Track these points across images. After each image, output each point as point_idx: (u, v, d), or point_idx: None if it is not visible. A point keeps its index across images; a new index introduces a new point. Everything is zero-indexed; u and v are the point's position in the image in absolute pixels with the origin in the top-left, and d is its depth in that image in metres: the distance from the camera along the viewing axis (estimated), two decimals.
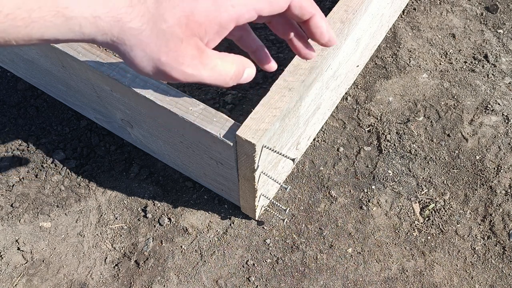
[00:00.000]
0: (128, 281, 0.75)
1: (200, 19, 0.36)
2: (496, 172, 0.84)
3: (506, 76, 0.96)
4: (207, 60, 0.37)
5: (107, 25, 0.35)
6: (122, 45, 0.35)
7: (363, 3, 0.67)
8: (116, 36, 0.35)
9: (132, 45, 0.35)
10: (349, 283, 0.75)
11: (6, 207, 0.82)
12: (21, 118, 0.92)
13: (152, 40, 0.35)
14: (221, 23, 0.36)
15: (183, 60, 0.36)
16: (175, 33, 0.35)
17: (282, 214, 0.80)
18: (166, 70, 0.36)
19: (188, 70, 0.36)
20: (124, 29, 0.35)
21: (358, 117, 0.91)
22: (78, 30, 0.35)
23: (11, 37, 0.34)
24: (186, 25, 0.35)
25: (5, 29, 0.33)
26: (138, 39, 0.35)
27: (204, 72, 0.37)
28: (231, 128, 0.56)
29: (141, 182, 0.84)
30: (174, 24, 0.35)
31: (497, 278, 0.75)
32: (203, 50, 0.37)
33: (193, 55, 0.36)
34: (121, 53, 0.36)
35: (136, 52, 0.36)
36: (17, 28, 0.34)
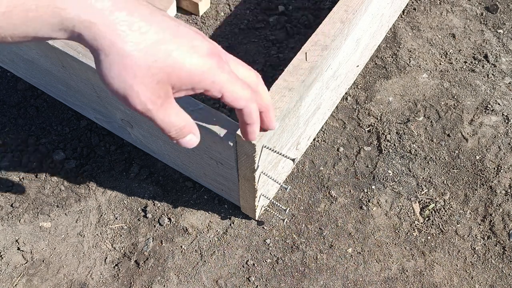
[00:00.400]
0: (128, 281, 0.75)
1: (182, 76, 0.39)
2: (496, 172, 0.84)
3: (506, 76, 0.96)
4: (167, 105, 0.41)
5: (100, 34, 0.36)
6: (104, 55, 0.37)
7: (363, 3, 0.67)
8: (104, 46, 0.37)
9: (113, 61, 0.37)
10: (349, 283, 0.75)
11: (6, 207, 0.82)
12: (21, 118, 0.92)
13: (134, 67, 0.37)
14: (195, 88, 0.41)
15: (150, 95, 0.39)
16: (157, 74, 0.38)
17: (282, 214, 0.80)
18: (132, 96, 0.39)
19: (149, 105, 0.39)
20: (115, 45, 0.37)
21: (358, 117, 0.91)
22: (70, 30, 0.37)
23: (7, 33, 0.35)
24: (169, 74, 0.39)
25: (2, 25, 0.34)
26: (122, 60, 0.37)
27: (159, 114, 0.40)
28: (231, 128, 0.56)
29: (141, 182, 0.84)
30: (160, 67, 0.38)
31: (497, 278, 0.75)
32: (169, 96, 0.40)
33: (159, 96, 0.39)
34: (99, 60, 0.38)
35: (113, 69, 0.38)
36: (14, 26, 0.35)
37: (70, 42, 0.63)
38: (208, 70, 0.40)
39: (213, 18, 1.04)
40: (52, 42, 0.63)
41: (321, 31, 0.63)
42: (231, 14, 1.04)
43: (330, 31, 0.63)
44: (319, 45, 0.62)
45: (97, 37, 0.36)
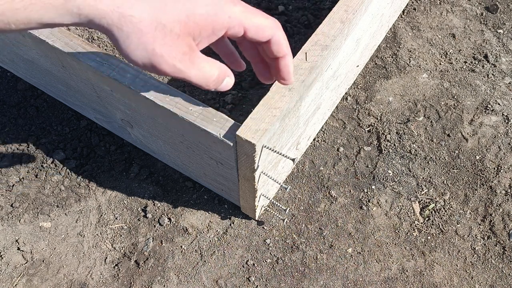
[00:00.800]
0: (128, 281, 0.75)
1: (199, 21, 0.37)
2: (496, 172, 0.84)
3: (506, 76, 0.96)
4: (196, 59, 0.39)
5: (107, 9, 0.35)
6: (118, 30, 0.36)
7: (363, 3, 0.67)
8: (115, 21, 0.36)
9: (129, 32, 0.36)
10: (349, 283, 0.75)
11: (6, 207, 0.82)
12: (21, 118, 0.92)
13: (150, 30, 0.36)
14: (215, 29, 0.39)
15: (175, 54, 0.37)
16: (174, 28, 0.37)
17: (282, 214, 0.80)
18: (158, 61, 0.37)
19: (178, 65, 0.38)
20: (124, 15, 0.36)
21: (358, 117, 0.91)
22: (76, 12, 0.36)
23: (10, 20, 0.35)
24: (185, 23, 0.37)
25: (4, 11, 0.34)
26: (137, 27, 0.36)
27: (192, 70, 0.39)
28: (231, 128, 0.56)
29: (141, 182, 0.84)
30: (175, 20, 0.36)
31: (497, 278, 0.75)
32: (194, 49, 0.39)
33: (185, 52, 0.38)
34: (115, 38, 0.37)
35: (131, 40, 0.36)
36: (16, 10, 0.34)
37: (70, 42, 0.63)
38: (220, 6, 0.38)
39: None
40: (52, 42, 0.63)
41: (321, 31, 0.63)
42: None
43: (330, 31, 0.63)
44: (319, 45, 0.62)
45: (105, 14, 0.35)
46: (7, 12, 0.34)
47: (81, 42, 0.63)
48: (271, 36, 0.42)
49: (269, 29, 0.42)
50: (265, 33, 0.41)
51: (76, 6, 0.35)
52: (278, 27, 0.43)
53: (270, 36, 0.42)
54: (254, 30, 0.41)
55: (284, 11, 1.05)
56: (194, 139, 0.62)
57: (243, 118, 0.55)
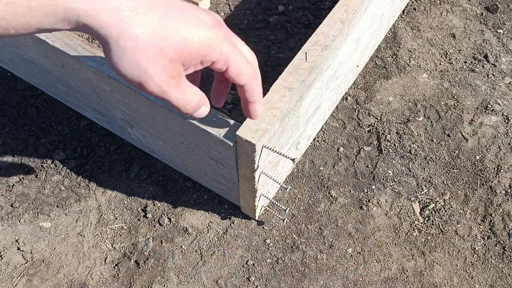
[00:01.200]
0: (128, 281, 0.75)
1: (193, 50, 0.39)
2: (496, 172, 0.84)
3: (506, 76, 0.96)
4: (182, 84, 0.41)
5: (108, 21, 0.36)
6: (115, 44, 0.37)
7: (363, 3, 0.67)
8: (113, 34, 0.36)
9: (125, 47, 0.37)
10: (349, 283, 0.75)
11: (6, 207, 0.82)
12: (21, 118, 0.92)
13: (147, 51, 0.37)
14: (203, 61, 0.41)
15: (164, 77, 0.39)
16: (169, 54, 0.38)
17: (282, 214, 0.80)
18: (146, 81, 0.39)
19: (164, 87, 0.40)
20: (124, 31, 0.36)
21: (358, 117, 0.91)
22: (75, 20, 0.36)
23: (10, 25, 0.35)
24: (180, 51, 0.39)
25: (5, 16, 0.34)
26: (134, 44, 0.37)
27: (175, 93, 0.41)
28: (231, 128, 0.56)
29: (141, 182, 0.84)
30: (171, 46, 0.38)
31: (497, 278, 0.75)
32: (181, 75, 0.41)
33: (173, 76, 0.40)
34: (109, 49, 0.38)
35: (126, 55, 0.37)
36: (16, 16, 0.35)
37: (70, 42, 0.63)
38: (216, 40, 0.40)
39: None
40: (52, 42, 0.63)
41: (321, 31, 0.63)
42: (231, 14, 1.04)
43: (330, 31, 0.63)
44: (319, 45, 0.62)
45: (104, 26, 0.36)
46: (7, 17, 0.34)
47: (81, 42, 0.63)
48: (246, 83, 0.45)
49: (247, 77, 0.44)
50: (242, 79, 0.44)
51: (76, 14, 0.35)
52: (255, 77, 0.46)
53: (246, 83, 0.45)
54: (234, 73, 0.43)
55: (284, 11, 1.05)
56: (194, 139, 0.62)
57: (243, 118, 0.55)
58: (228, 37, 0.42)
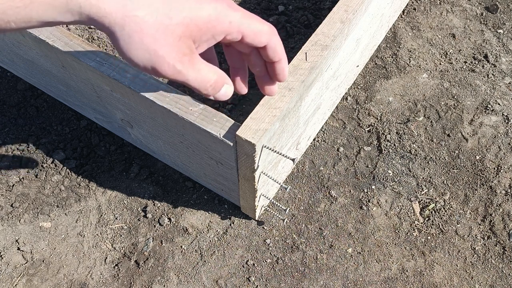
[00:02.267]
0: (128, 281, 0.75)
1: (201, 24, 0.38)
2: (496, 172, 0.84)
3: (506, 76, 0.96)
4: (195, 61, 0.40)
5: (110, 8, 0.36)
6: (120, 30, 0.36)
7: (363, 3, 0.67)
8: (118, 20, 0.36)
9: (131, 31, 0.36)
10: (349, 283, 0.75)
11: (6, 207, 0.82)
12: (21, 118, 0.92)
13: (153, 31, 0.37)
14: (215, 34, 0.40)
15: (176, 55, 0.38)
16: (176, 31, 0.37)
17: (282, 214, 0.80)
18: (159, 62, 0.38)
19: (178, 66, 0.39)
20: (128, 15, 0.36)
21: (358, 117, 0.91)
22: (77, 11, 0.36)
23: (11, 18, 0.35)
24: (187, 26, 0.38)
25: (5, 10, 0.34)
26: (139, 27, 0.36)
27: (190, 72, 0.40)
28: (231, 128, 0.56)
29: (141, 182, 0.84)
30: (178, 23, 0.37)
31: (497, 278, 0.75)
32: (194, 51, 0.40)
33: (185, 53, 0.38)
34: (116, 37, 0.37)
35: (133, 39, 0.37)
36: (17, 9, 0.34)
37: (70, 42, 0.63)
38: (222, 11, 0.39)
39: None
40: (52, 42, 0.63)
41: (321, 31, 0.63)
42: None
43: (330, 31, 0.63)
44: (319, 45, 0.62)
45: (107, 13, 0.35)
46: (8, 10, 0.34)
47: (81, 42, 0.63)
48: (267, 42, 0.44)
49: (265, 35, 0.43)
50: (262, 39, 0.43)
51: (77, 5, 0.35)
52: (274, 33, 0.44)
53: (266, 42, 0.44)
54: (251, 36, 0.42)
55: (284, 11, 1.05)
56: (194, 139, 0.62)
57: (243, 118, 0.55)
58: (232, 5, 0.41)
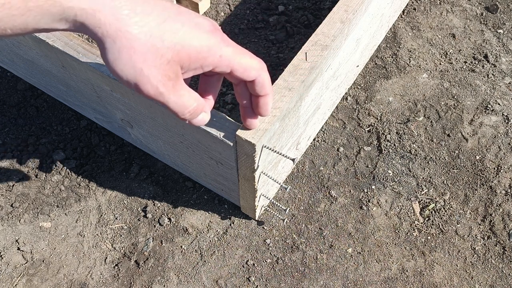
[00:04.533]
0: (128, 281, 0.75)
1: (191, 53, 0.39)
2: (496, 172, 0.84)
3: (506, 76, 0.96)
4: (179, 86, 0.40)
5: (105, 20, 0.36)
6: (111, 43, 0.37)
7: (363, 3, 0.67)
8: (110, 33, 0.36)
9: (122, 46, 0.37)
10: (349, 283, 0.75)
11: (6, 207, 0.82)
12: (21, 118, 0.92)
13: (143, 50, 0.37)
14: (203, 65, 0.40)
15: (161, 78, 0.38)
16: (166, 54, 0.38)
17: (282, 214, 0.80)
18: (142, 81, 0.38)
19: (161, 88, 0.39)
20: (121, 30, 0.36)
21: (358, 117, 0.91)
22: (72, 19, 0.36)
23: (7, 26, 0.35)
24: (178, 52, 0.38)
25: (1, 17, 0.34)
26: (130, 44, 0.37)
27: (172, 96, 0.40)
28: (231, 128, 0.56)
29: (141, 182, 0.84)
30: (169, 47, 0.38)
31: (497, 278, 0.75)
32: (179, 77, 0.40)
33: (170, 77, 0.39)
34: (105, 48, 0.37)
35: (122, 55, 0.37)
36: (13, 17, 0.34)
37: (70, 42, 0.63)
38: (214, 44, 0.40)
39: (213, 18, 1.04)
40: (52, 42, 0.63)
41: (321, 31, 0.63)
42: (231, 14, 1.05)
43: (330, 31, 0.63)
44: (319, 45, 0.62)
45: (101, 24, 0.35)
46: (4, 18, 0.34)
47: (81, 42, 0.63)
48: (255, 77, 0.44)
49: (255, 71, 0.44)
50: (251, 74, 0.44)
51: (73, 13, 0.35)
52: (264, 69, 0.45)
53: (255, 77, 0.44)
54: (241, 71, 0.42)
55: (284, 11, 1.05)
56: (194, 139, 0.62)
57: None
58: (226, 39, 0.41)
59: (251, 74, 0.44)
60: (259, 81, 0.45)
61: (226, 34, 1.02)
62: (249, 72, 0.43)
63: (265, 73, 0.45)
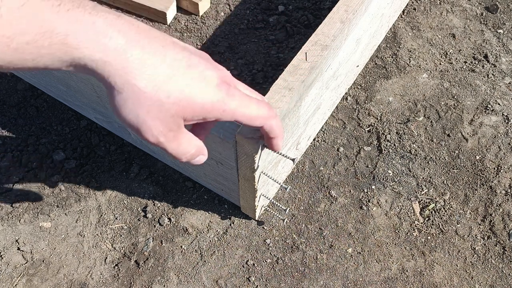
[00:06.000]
0: (128, 281, 0.75)
1: (196, 108, 0.40)
2: (496, 172, 0.84)
3: (506, 76, 0.96)
4: (180, 136, 0.41)
5: (114, 72, 0.37)
6: (118, 93, 0.38)
7: (363, 3, 0.67)
8: (118, 84, 0.37)
9: (128, 97, 0.38)
10: (349, 283, 0.75)
11: (6, 207, 0.82)
12: (21, 118, 0.92)
13: (148, 103, 0.38)
14: (206, 117, 0.41)
15: (163, 129, 0.39)
16: (170, 109, 0.39)
17: (282, 214, 0.80)
18: (144, 129, 0.39)
19: (161, 139, 0.40)
20: (129, 82, 0.37)
21: (358, 117, 0.91)
22: (82, 67, 0.37)
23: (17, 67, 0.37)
24: (183, 107, 0.39)
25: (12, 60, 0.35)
26: (136, 96, 0.38)
27: (171, 145, 0.41)
28: (231, 128, 0.56)
29: (141, 182, 0.84)
30: (174, 102, 0.38)
31: (497, 278, 0.75)
32: (181, 127, 0.41)
33: (171, 129, 0.40)
34: (113, 95, 0.38)
35: (127, 104, 0.38)
36: (24, 61, 0.36)
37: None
38: (218, 101, 0.40)
39: (213, 18, 1.04)
40: None
41: (321, 31, 0.63)
42: (231, 14, 1.05)
43: (330, 31, 0.63)
44: (319, 45, 0.62)
45: (110, 75, 0.36)
46: (15, 61, 0.35)
47: None
48: (262, 125, 0.45)
49: (261, 119, 0.44)
50: (256, 123, 0.44)
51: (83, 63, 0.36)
52: (271, 117, 0.45)
53: (261, 125, 0.45)
54: (245, 121, 0.44)
55: (284, 11, 1.05)
56: None
57: None
58: (232, 93, 0.42)
59: (256, 123, 0.44)
60: (265, 129, 0.46)
61: (226, 34, 1.02)
62: (254, 121, 0.44)
63: (272, 121, 0.46)
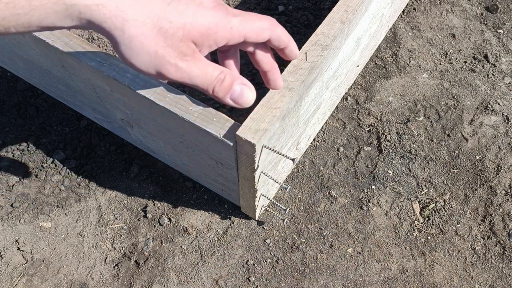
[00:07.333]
0: (128, 281, 0.75)
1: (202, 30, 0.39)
2: (496, 172, 0.84)
3: (506, 76, 0.96)
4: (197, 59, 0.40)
5: (110, 13, 0.36)
6: (121, 34, 0.37)
7: (363, 3, 0.67)
8: (117, 25, 0.36)
9: (131, 35, 0.37)
10: (349, 283, 0.75)
11: (6, 207, 0.82)
12: (21, 118, 0.92)
13: (153, 34, 0.37)
14: (216, 40, 0.41)
15: (177, 54, 0.38)
16: (176, 33, 0.38)
17: (282, 214, 0.80)
18: (160, 63, 0.38)
19: (180, 64, 0.39)
20: (127, 19, 0.36)
21: (358, 117, 0.91)
22: (77, 16, 0.36)
23: (11, 24, 0.35)
24: (189, 31, 0.38)
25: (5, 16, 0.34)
26: (139, 31, 0.37)
27: (194, 69, 0.40)
28: (231, 128, 0.56)
29: (141, 182, 0.84)
30: (178, 27, 0.38)
31: (497, 278, 0.75)
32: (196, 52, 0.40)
33: (187, 53, 0.39)
34: (117, 42, 0.37)
35: (134, 43, 0.37)
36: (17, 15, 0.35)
37: (70, 42, 0.63)
38: (221, 18, 0.40)
39: None
40: (52, 42, 0.63)
41: (321, 31, 0.63)
42: None
43: (330, 31, 0.63)
44: (319, 45, 0.62)
45: (107, 18, 0.36)
46: (8, 17, 0.34)
47: (81, 42, 0.63)
48: (270, 35, 0.45)
49: (267, 31, 0.44)
50: (264, 35, 0.44)
51: (77, 11, 0.35)
52: (274, 25, 0.45)
53: (269, 36, 0.45)
54: (254, 36, 0.43)
55: (284, 11, 1.05)
56: (194, 139, 0.62)
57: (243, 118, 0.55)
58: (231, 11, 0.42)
59: (264, 35, 0.44)
60: (274, 38, 0.46)
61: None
62: (262, 34, 0.44)
63: (277, 28, 0.45)
